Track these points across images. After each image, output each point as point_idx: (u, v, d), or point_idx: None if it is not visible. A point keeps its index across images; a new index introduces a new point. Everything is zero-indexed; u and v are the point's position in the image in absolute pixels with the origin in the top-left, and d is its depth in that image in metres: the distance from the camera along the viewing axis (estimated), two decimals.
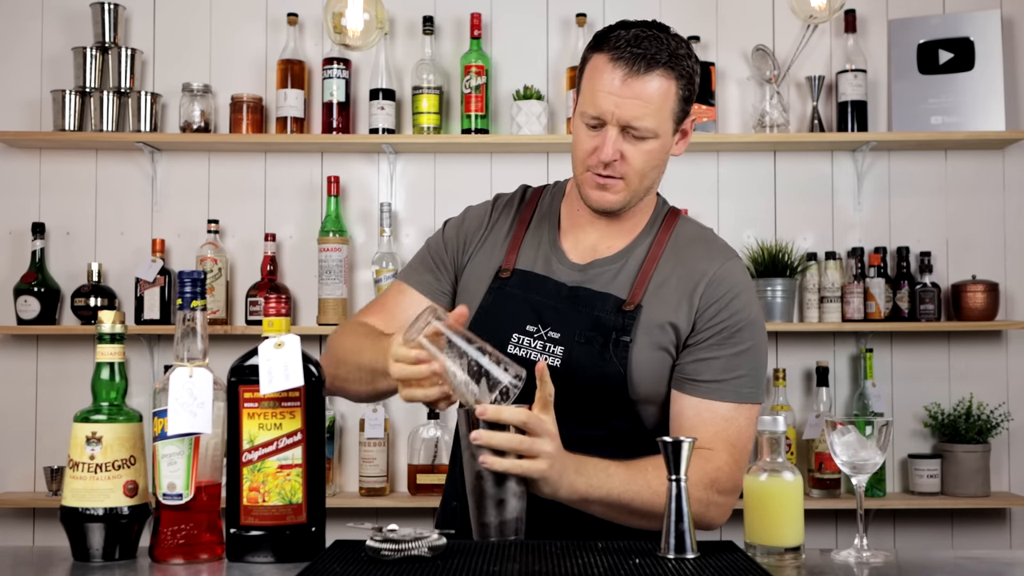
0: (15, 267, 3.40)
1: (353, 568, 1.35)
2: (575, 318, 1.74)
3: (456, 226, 1.91)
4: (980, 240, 3.47)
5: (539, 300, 1.76)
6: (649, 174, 1.75)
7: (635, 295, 1.74)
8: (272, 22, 3.50)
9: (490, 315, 1.78)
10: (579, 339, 1.72)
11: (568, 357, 1.72)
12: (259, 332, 1.56)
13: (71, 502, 1.48)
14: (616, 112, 1.68)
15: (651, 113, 1.69)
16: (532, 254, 1.82)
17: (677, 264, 1.77)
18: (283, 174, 3.48)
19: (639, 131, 1.69)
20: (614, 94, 1.68)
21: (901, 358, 3.46)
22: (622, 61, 1.68)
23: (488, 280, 1.81)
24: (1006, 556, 2.04)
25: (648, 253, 1.79)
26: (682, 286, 1.75)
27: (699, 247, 1.81)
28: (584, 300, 1.75)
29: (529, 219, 1.86)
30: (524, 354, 1.73)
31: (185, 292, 1.50)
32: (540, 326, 1.74)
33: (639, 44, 1.68)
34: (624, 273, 1.77)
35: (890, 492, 3.38)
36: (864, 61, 3.42)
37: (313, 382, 1.49)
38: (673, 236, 1.81)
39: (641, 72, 1.67)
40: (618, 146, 1.69)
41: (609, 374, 1.71)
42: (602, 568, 1.35)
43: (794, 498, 1.45)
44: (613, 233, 1.81)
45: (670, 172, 3.53)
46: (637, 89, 1.68)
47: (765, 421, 1.47)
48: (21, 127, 3.43)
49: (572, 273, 1.79)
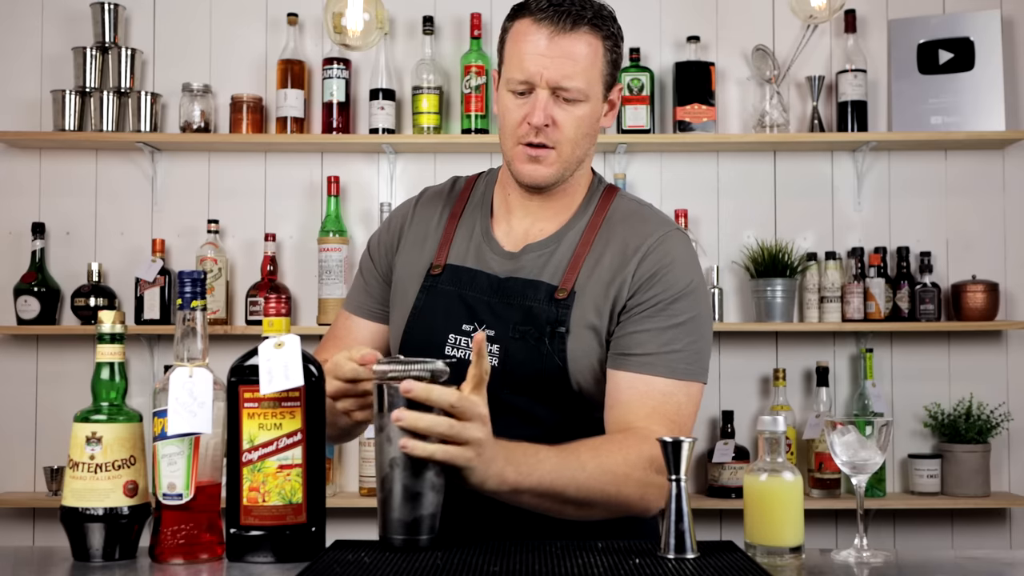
0: (15, 267, 3.40)
1: (353, 568, 1.35)
2: (507, 312, 1.66)
3: (378, 235, 1.87)
4: (980, 240, 3.47)
5: (472, 296, 1.69)
6: (581, 143, 1.67)
7: (567, 281, 1.66)
8: (272, 22, 3.50)
9: (423, 316, 1.72)
10: (513, 334, 1.65)
11: (504, 355, 1.64)
12: (259, 332, 1.56)
13: (71, 502, 1.48)
14: (544, 73, 1.61)
15: (580, 72, 1.62)
16: (464, 247, 1.75)
17: (611, 243, 1.69)
18: (283, 174, 3.48)
19: (570, 92, 1.63)
20: (541, 54, 1.61)
21: (901, 358, 3.46)
22: (547, 20, 1.62)
23: (420, 278, 1.75)
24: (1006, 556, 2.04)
25: (582, 236, 1.71)
26: (615, 265, 1.67)
27: (635, 223, 1.72)
28: (515, 291, 1.67)
29: (461, 211, 1.79)
30: (462, 355, 1.67)
31: (185, 292, 1.50)
32: (476, 324, 1.67)
33: (562, 3, 1.63)
34: (556, 257, 1.70)
35: (890, 492, 3.38)
36: (864, 61, 3.42)
37: (313, 382, 1.49)
38: (608, 215, 1.73)
39: (568, 29, 1.62)
40: (548, 110, 1.62)
41: (547, 368, 1.64)
42: (602, 568, 1.35)
43: (794, 498, 1.45)
44: (546, 215, 1.73)
45: (670, 171, 3.55)
46: (564, 47, 1.62)
47: (765, 421, 1.46)
48: (21, 127, 3.43)
49: (504, 262, 1.71)
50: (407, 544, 1.43)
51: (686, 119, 3.36)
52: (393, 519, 1.44)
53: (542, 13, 1.62)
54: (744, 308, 3.45)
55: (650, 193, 3.47)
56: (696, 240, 3.39)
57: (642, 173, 3.47)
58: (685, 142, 3.37)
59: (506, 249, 1.74)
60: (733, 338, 3.43)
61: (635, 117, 3.36)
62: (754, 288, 3.34)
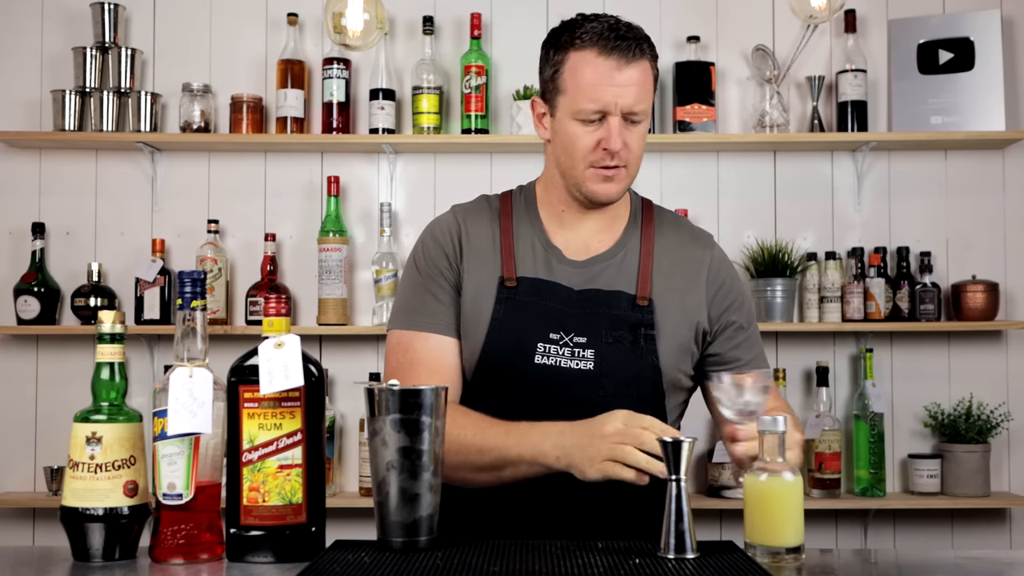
0: (15, 267, 3.40)
1: (353, 568, 1.35)
2: (595, 320, 1.76)
3: (434, 249, 1.84)
4: (980, 240, 3.47)
5: (554, 307, 1.77)
6: (641, 157, 1.81)
7: (643, 288, 1.79)
8: (272, 22, 3.50)
9: (506, 326, 1.76)
10: (607, 340, 1.75)
11: (599, 359, 1.74)
12: (259, 332, 1.56)
13: (71, 502, 1.48)
14: (619, 102, 1.72)
15: (645, 96, 1.76)
16: (529, 259, 1.81)
17: (670, 251, 1.85)
18: (283, 174, 3.48)
19: (638, 115, 1.75)
20: (614, 84, 1.72)
21: (901, 358, 3.46)
22: (616, 52, 1.72)
23: (492, 291, 1.78)
24: (1006, 556, 2.04)
25: (642, 246, 1.84)
26: (684, 272, 1.84)
27: (684, 234, 1.90)
28: (598, 301, 1.78)
29: (511, 227, 1.84)
30: (552, 362, 1.74)
31: (185, 292, 1.50)
32: (563, 332, 1.75)
33: (622, 35, 1.74)
34: (626, 267, 1.82)
35: (890, 492, 3.38)
36: (864, 61, 3.42)
37: (313, 382, 1.49)
38: (656, 224, 1.89)
39: (635, 58, 1.73)
40: (623, 135, 1.74)
41: (644, 368, 1.76)
42: (602, 568, 1.35)
43: (794, 498, 1.45)
44: (602, 227, 1.85)
45: (670, 172, 3.54)
46: (632, 76, 1.73)
47: (765, 421, 1.46)
48: (21, 127, 3.43)
49: (574, 271, 1.81)
50: (406, 546, 1.43)
51: (686, 119, 3.36)
52: (391, 521, 1.44)
53: (607, 43, 1.73)
54: None
55: (650, 193, 3.41)
56: None
57: (642, 173, 3.40)
58: (685, 142, 3.37)
59: (572, 258, 1.83)
60: None
61: None
62: (754, 288, 3.34)
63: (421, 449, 1.44)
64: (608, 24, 1.75)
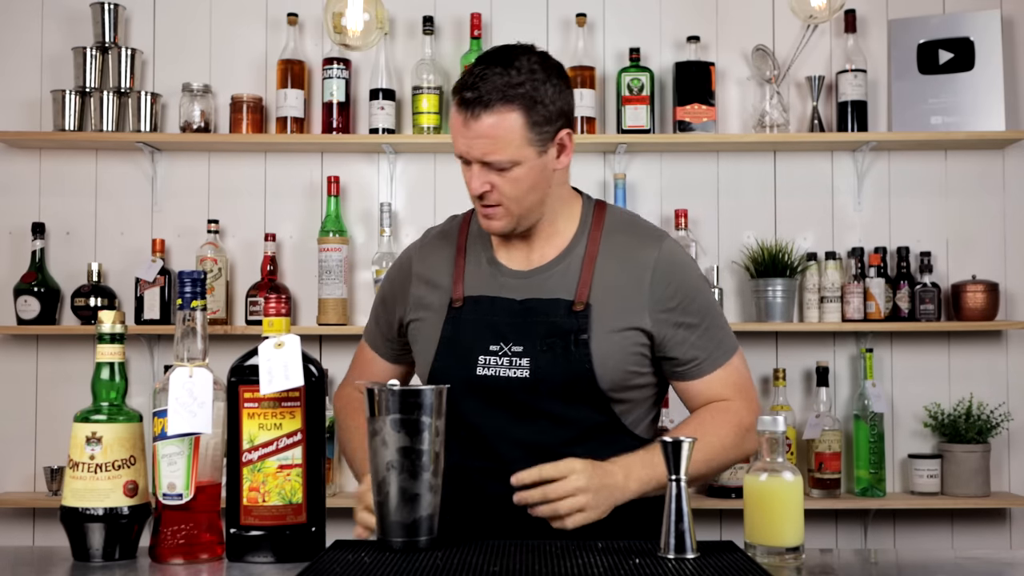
0: (15, 267, 3.40)
1: (353, 568, 1.35)
2: (532, 329, 1.82)
3: (390, 280, 2.04)
4: (980, 240, 3.47)
5: (496, 320, 1.85)
6: (527, 196, 1.81)
7: (581, 294, 1.83)
8: (272, 22, 3.50)
9: (453, 343, 1.86)
10: (541, 347, 1.81)
11: (534, 367, 1.80)
12: (259, 332, 1.56)
13: (71, 502, 1.48)
14: (469, 152, 1.79)
15: (500, 147, 1.77)
16: (476, 278, 1.90)
17: (614, 255, 1.87)
18: (283, 174, 3.48)
19: (496, 164, 1.78)
20: (463, 136, 1.79)
21: (901, 358, 3.46)
22: (462, 105, 1.79)
23: (442, 312, 1.89)
24: (1006, 556, 2.04)
25: (586, 251, 1.87)
26: (628, 275, 1.85)
27: (631, 234, 1.90)
28: (536, 310, 1.83)
29: (464, 245, 1.95)
30: (493, 372, 1.82)
31: (185, 292, 1.51)
32: (502, 343, 1.83)
33: (473, 87, 1.78)
34: (568, 275, 1.86)
35: (890, 492, 3.38)
36: (864, 61, 3.42)
37: (313, 382, 1.49)
38: (605, 227, 1.90)
39: (478, 113, 1.77)
40: (484, 179, 1.79)
41: (576, 373, 1.79)
42: (602, 568, 1.35)
43: (794, 498, 1.45)
44: (544, 242, 1.89)
45: (670, 171, 3.55)
46: (477, 129, 1.77)
47: (765, 421, 1.47)
48: (21, 127, 3.43)
49: (518, 283, 1.87)
50: (406, 546, 1.44)
51: (686, 119, 3.36)
52: (392, 522, 1.44)
53: (460, 97, 1.80)
54: (744, 308, 3.45)
55: (650, 193, 3.47)
56: (696, 240, 3.39)
57: (642, 173, 3.47)
58: (685, 142, 3.37)
59: (515, 269, 1.89)
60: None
61: (635, 117, 3.36)
62: (754, 288, 3.34)
63: (421, 449, 1.44)
64: (477, 73, 1.80)
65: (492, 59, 1.82)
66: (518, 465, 1.68)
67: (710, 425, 1.83)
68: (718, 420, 1.84)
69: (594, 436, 1.83)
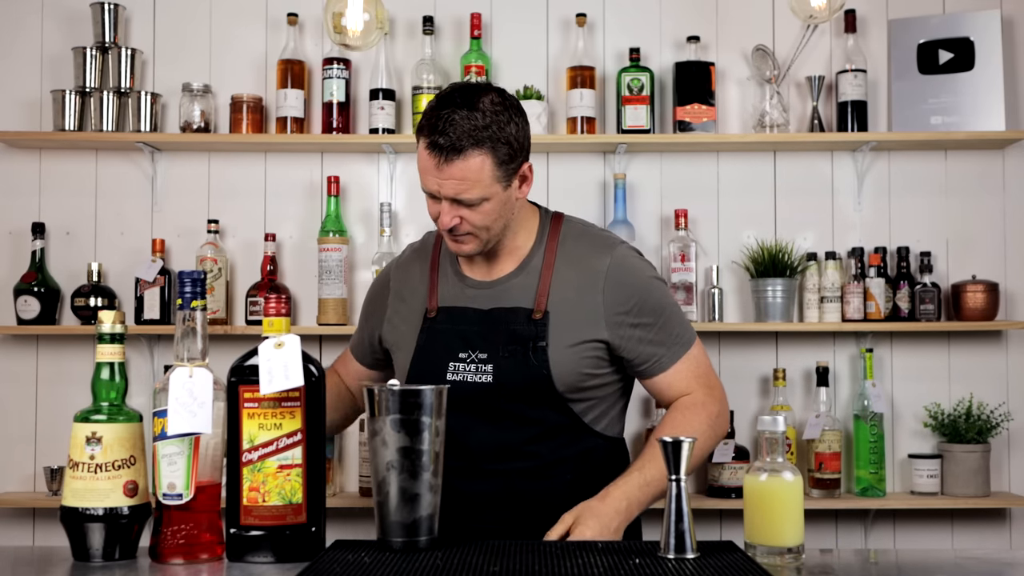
0: (15, 267, 3.40)
1: (353, 568, 1.35)
2: (496, 336, 1.95)
3: (371, 296, 2.20)
4: (980, 240, 3.47)
5: (464, 329, 1.98)
6: (495, 223, 1.94)
7: (540, 303, 1.95)
8: (272, 22, 3.50)
9: (426, 351, 2.00)
10: (503, 354, 1.94)
11: (497, 371, 1.93)
12: (259, 332, 1.56)
13: (71, 502, 1.48)
14: (441, 191, 1.89)
15: (470, 186, 1.87)
16: (447, 290, 2.04)
17: (570, 265, 1.99)
18: (283, 174, 3.48)
19: (466, 202, 1.89)
20: (435, 177, 1.88)
21: (901, 358, 3.46)
22: (435, 149, 1.86)
23: (418, 323, 2.03)
24: (1006, 556, 2.05)
25: (544, 261, 2.00)
26: (582, 283, 1.97)
27: (585, 244, 2.02)
28: (499, 319, 1.96)
29: (437, 261, 2.09)
30: (461, 378, 1.95)
31: (185, 292, 1.51)
32: (470, 351, 1.96)
33: (444, 132, 1.85)
34: (527, 285, 1.98)
35: (890, 492, 3.38)
36: (864, 61, 3.42)
37: (313, 382, 1.49)
38: (560, 238, 2.02)
39: (451, 159, 1.85)
40: (454, 213, 1.90)
41: (535, 377, 1.92)
42: (602, 568, 1.35)
43: (794, 498, 1.45)
44: (504, 256, 2.02)
45: (670, 171, 3.54)
46: (450, 172, 1.87)
47: (765, 421, 1.47)
48: (21, 127, 3.43)
49: (483, 293, 2.00)
50: (406, 546, 1.44)
51: (686, 119, 3.36)
52: (391, 522, 1.44)
53: (430, 140, 1.87)
54: (744, 308, 3.45)
55: (650, 193, 3.47)
56: (696, 240, 3.39)
57: (642, 173, 3.47)
58: (685, 142, 3.37)
59: (479, 280, 2.02)
60: (733, 338, 3.43)
61: (635, 117, 3.36)
62: (754, 288, 3.34)
63: (421, 449, 1.44)
64: (445, 118, 1.85)
65: (455, 102, 1.88)
66: (487, 462, 1.89)
67: (682, 424, 1.96)
68: (688, 416, 1.97)
69: (556, 435, 1.96)
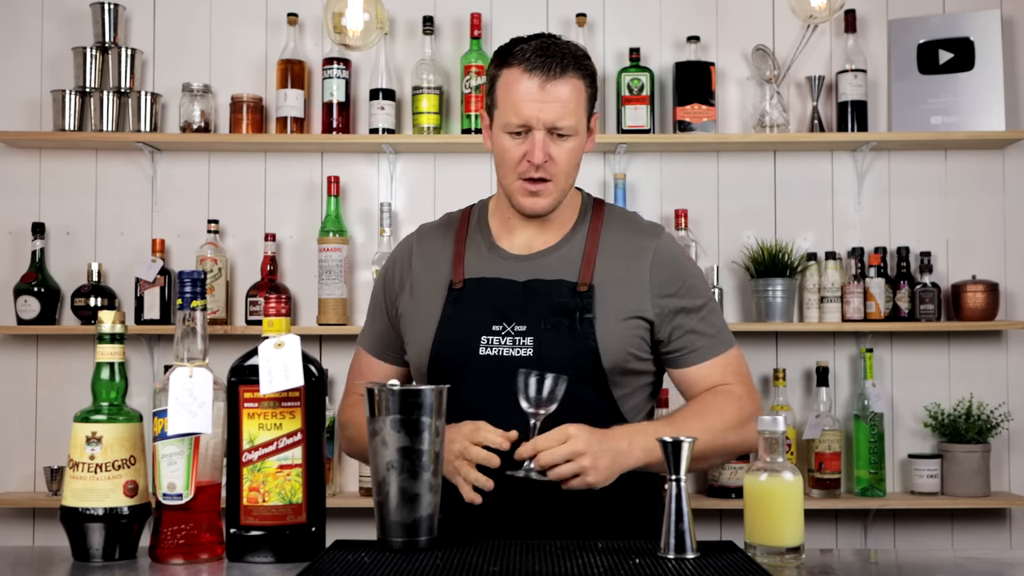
0: (15, 267, 3.40)
1: (353, 568, 1.35)
2: (536, 308, 1.85)
3: (384, 274, 2.05)
4: (980, 240, 3.47)
5: (497, 300, 1.87)
6: (572, 172, 1.89)
7: (585, 276, 1.87)
8: (272, 22, 3.50)
9: (452, 323, 1.88)
10: (545, 326, 1.84)
11: (538, 345, 1.83)
12: (259, 332, 1.56)
13: (71, 502, 1.48)
14: (540, 116, 1.82)
15: (570, 112, 1.83)
16: (476, 262, 1.93)
17: (616, 242, 1.92)
18: (283, 174, 3.48)
19: (563, 129, 1.83)
20: (536, 100, 1.82)
21: (901, 358, 3.46)
22: (538, 70, 1.82)
23: (441, 295, 1.91)
24: (1006, 556, 2.05)
25: (587, 239, 1.92)
26: (627, 262, 1.90)
27: (631, 226, 1.97)
28: (539, 290, 1.86)
29: (465, 234, 1.98)
30: (495, 352, 1.84)
31: (185, 292, 1.51)
32: (504, 323, 1.85)
33: (548, 52, 1.83)
34: (569, 259, 1.90)
35: (890, 492, 3.38)
36: (864, 61, 3.42)
37: (313, 382, 1.49)
38: (605, 221, 1.96)
39: (556, 76, 1.82)
40: (546, 148, 1.83)
41: (580, 351, 1.82)
42: (602, 568, 1.35)
43: (794, 498, 1.45)
44: (546, 232, 1.93)
45: (670, 171, 3.54)
46: (555, 92, 1.82)
47: (765, 421, 1.47)
48: (21, 127, 3.43)
49: (519, 265, 1.90)
50: (406, 546, 1.44)
51: (686, 119, 3.36)
52: (392, 522, 1.44)
53: (531, 63, 1.83)
54: (744, 308, 3.45)
55: (650, 193, 3.47)
56: (696, 240, 3.39)
57: (642, 173, 3.47)
58: (685, 142, 3.37)
59: (516, 254, 1.92)
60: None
61: (635, 117, 3.36)
62: (754, 288, 3.34)
63: (421, 449, 1.45)
64: (538, 45, 1.84)
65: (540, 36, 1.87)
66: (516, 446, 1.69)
67: (713, 404, 1.86)
68: (720, 400, 1.87)
69: (594, 421, 1.79)
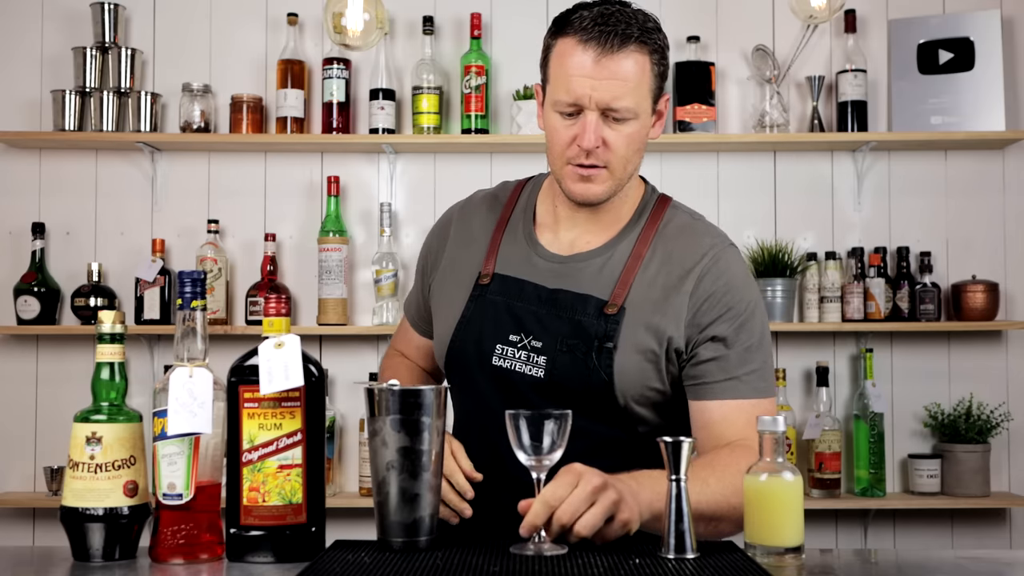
0: (15, 267, 3.40)
1: (353, 568, 1.35)
2: (556, 324, 1.67)
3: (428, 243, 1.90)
4: (980, 240, 3.47)
5: (520, 306, 1.69)
6: (632, 159, 1.66)
7: (617, 296, 1.66)
8: (272, 22, 3.50)
9: (472, 325, 1.73)
10: (561, 347, 1.65)
11: (551, 367, 1.65)
12: (259, 332, 1.56)
13: (71, 502, 1.48)
14: (593, 95, 1.59)
15: (629, 92, 1.60)
16: (510, 255, 1.75)
17: (664, 260, 1.68)
18: (283, 174, 3.48)
19: (619, 112, 1.60)
20: (589, 76, 1.58)
21: (901, 358, 3.46)
22: (593, 41, 1.58)
23: (468, 287, 1.75)
24: (1006, 556, 2.04)
25: (633, 249, 1.70)
26: (670, 284, 1.67)
27: (687, 239, 1.71)
28: (564, 304, 1.67)
29: (508, 218, 1.79)
30: (508, 365, 1.68)
31: (185, 292, 1.50)
32: (523, 335, 1.68)
33: (607, 21, 1.59)
34: (607, 270, 1.69)
35: (890, 492, 3.38)
36: (864, 61, 3.42)
37: (313, 382, 1.49)
38: (661, 228, 1.72)
39: (614, 50, 1.58)
40: (599, 132, 1.60)
41: (594, 383, 1.63)
42: (602, 568, 1.35)
43: (794, 498, 1.44)
44: (594, 228, 1.73)
45: (670, 172, 3.54)
46: (612, 68, 1.58)
47: (765, 421, 1.46)
48: (21, 127, 3.43)
49: (553, 267, 1.71)
50: (406, 546, 1.43)
51: (686, 119, 3.36)
52: (391, 522, 1.44)
53: (587, 33, 1.59)
54: None
55: None
56: None
57: (642, 173, 3.46)
58: (685, 142, 3.37)
59: (553, 252, 1.73)
60: None
61: None
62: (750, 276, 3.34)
63: (421, 449, 1.44)
64: (599, 12, 1.60)
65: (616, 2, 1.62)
66: (516, 469, 1.47)
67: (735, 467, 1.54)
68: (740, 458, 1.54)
69: (606, 451, 1.64)
